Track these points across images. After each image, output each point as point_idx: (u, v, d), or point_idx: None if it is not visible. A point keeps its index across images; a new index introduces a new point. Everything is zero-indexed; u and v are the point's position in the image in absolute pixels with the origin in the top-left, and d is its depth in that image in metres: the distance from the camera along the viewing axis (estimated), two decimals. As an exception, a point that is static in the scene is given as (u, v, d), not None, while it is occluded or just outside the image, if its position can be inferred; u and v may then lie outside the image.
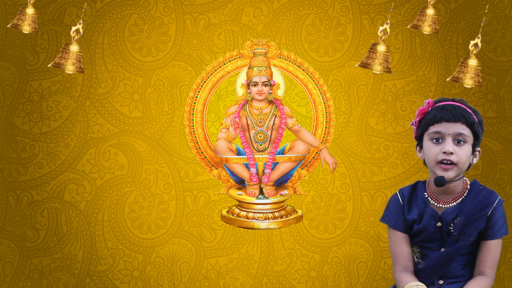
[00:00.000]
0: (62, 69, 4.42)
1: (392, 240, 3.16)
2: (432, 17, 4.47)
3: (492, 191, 3.10)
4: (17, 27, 4.51)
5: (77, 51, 4.42)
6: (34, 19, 4.52)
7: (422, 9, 4.50)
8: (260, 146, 5.03)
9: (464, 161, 3.05)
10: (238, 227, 5.11)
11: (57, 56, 4.46)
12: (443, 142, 3.05)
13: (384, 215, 3.18)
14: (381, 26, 4.44)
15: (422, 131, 3.11)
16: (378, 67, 4.40)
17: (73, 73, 4.47)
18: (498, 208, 3.07)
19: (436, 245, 3.10)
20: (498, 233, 3.06)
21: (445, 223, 3.07)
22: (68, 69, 4.43)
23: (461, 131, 3.04)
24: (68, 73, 4.50)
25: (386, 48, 4.41)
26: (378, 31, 4.44)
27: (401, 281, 3.08)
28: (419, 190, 3.15)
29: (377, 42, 4.43)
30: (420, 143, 3.13)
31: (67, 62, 4.43)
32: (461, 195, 3.10)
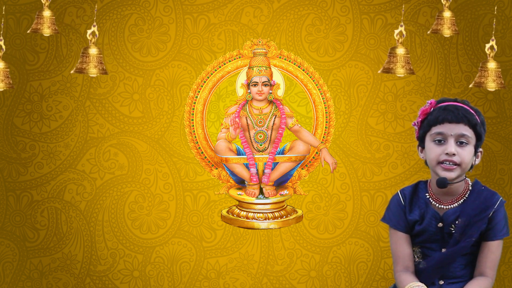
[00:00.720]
0: (86, 74, 4.43)
1: (393, 240, 3.15)
2: (450, 19, 4.48)
3: (494, 192, 3.08)
4: (37, 31, 4.52)
5: (97, 54, 4.43)
6: (52, 21, 4.52)
7: (439, 13, 4.51)
8: (260, 146, 5.03)
9: (467, 162, 3.04)
10: (238, 227, 5.11)
11: (78, 62, 4.47)
12: (446, 143, 3.03)
13: (385, 215, 3.17)
14: (396, 30, 4.44)
15: (424, 131, 3.10)
16: (401, 70, 4.41)
17: (97, 75, 4.48)
18: (500, 210, 3.06)
19: (437, 245, 3.09)
20: (499, 234, 3.05)
21: (446, 224, 3.06)
22: (91, 73, 4.44)
23: (464, 132, 3.03)
24: (92, 76, 4.51)
25: (406, 50, 4.41)
26: (394, 35, 4.44)
27: (401, 281, 3.08)
28: (421, 190, 3.14)
29: (395, 46, 4.43)
30: (422, 144, 3.12)
31: (89, 66, 4.44)
32: (462, 196, 3.09)
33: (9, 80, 4.44)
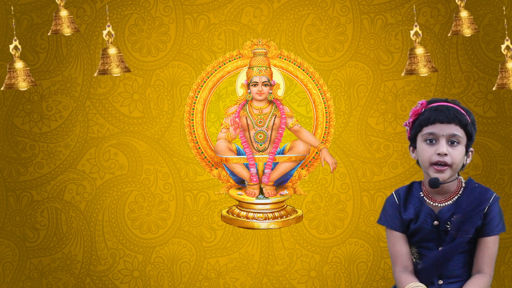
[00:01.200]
0: (110, 74, 4.43)
1: (390, 240, 3.16)
2: (468, 19, 4.48)
3: (487, 188, 3.10)
4: (57, 32, 4.52)
5: (116, 53, 4.43)
6: (71, 19, 4.52)
7: (456, 14, 4.51)
8: (260, 146, 5.03)
9: (458, 162, 3.06)
10: (238, 227, 5.11)
11: (100, 64, 4.48)
12: (437, 143, 3.05)
13: (381, 217, 3.19)
14: (411, 31, 4.44)
15: (415, 132, 3.12)
16: (423, 69, 4.41)
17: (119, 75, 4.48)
18: (494, 205, 3.07)
19: (434, 244, 3.10)
20: (495, 229, 3.06)
21: (442, 221, 3.07)
22: (114, 72, 4.44)
23: (455, 132, 3.05)
24: (116, 76, 4.51)
25: (424, 49, 4.42)
26: (411, 35, 4.45)
27: (401, 281, 3.08)
28: (415, 190, 3.16)
29: (414, 47, 4.43)
30: (414, 144, 3.14)
31: (111, 66, 4.45)
32: (456, 193, 3.10)
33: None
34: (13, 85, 4.43)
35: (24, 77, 4.42)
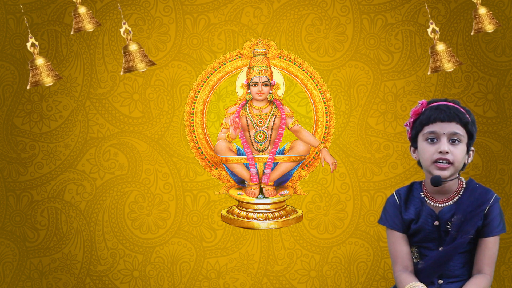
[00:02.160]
0: (135, 71, 4.42)
1: (390, 240, 3.16)
2: (488, 14, 4.48)
3: (488, 189, 3.11)
4: (80, 30, 4.51)
5: (138, 49, 4.42)
6: (90, 15, 4.51)
7: (474, 12, 4.50)
8: (260, 146, 5.03)
9: (460, 160, 3.07)
10: (238, 227, 5.11)
11: (123, 62, 4.46)
12: (438, 142, 3.06)
13: (381, 217, 3.19)
14: (428, 29, 4.44)
15: (416, 131, 3.13)
16: (448, 65, 4.41)
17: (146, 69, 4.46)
18: (495, 205, 3.08)
19: (434, 244, 3.10)
20: (496, 230, 3.07)
21: (443, 222, 3.08)
22: (140, 68, 4.43)
23: (456, 131, 3.06)
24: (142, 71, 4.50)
25: (445, 45, 4.42)
26: (428, 33, 4.45)
27: (401, 281, 3.09)
28: (416, 190, 3.17)
29: (434, 44, 4.43)
30: (415, 144, 3.15)
31: (135, 62, 4.44)
32: (457, 194, 3.11)
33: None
34: (38, 82, 4.44)
35: (47, 72, 4.43)
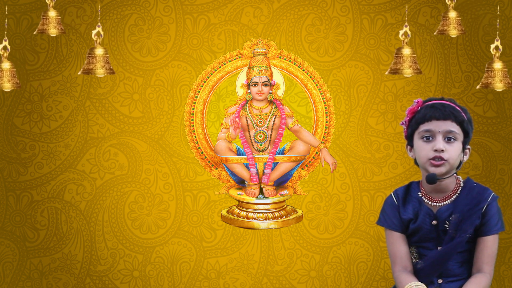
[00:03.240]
0: (93, 74, 4.44)
1: (389, 241, 3.16)
2: (456, 19, 4.50)
3: (485, 188, 3.11)
4: (43, 32, 4.53)
5: (103, 54, 4.44)
6: (58, 20, 4.53)
7: (444, 14, 4.52)
8: (260, 146, 5.03)
9: (455, 158, 3.07)
10: (238, 227, 5.11)
11: (85, 63, 4.48)
12: (434, 140, 3.06)
13: (380, 217, 3.19)
14: (401, 31, 4.45)
15: (412, 130, 3.13)
16: (408, 70, 4.42)
17: (104, 75, 4.48)
18: (492, 204, 3.07)
19: (433, 244, 3.10)
20: (494, 228, 3.07)
21: (441, 221, 3.08)
22: (98, 73, 4.45)
23: (451, 129, 3.06)
24: (99, 76, 4.51)
25: (411, 50, 4.43)
26: (400, 35, 4.45)
27: (400, 281, 3.08)
28: (413, 190, 3.17)
29: (401, 46, 4.44)
30: (411, 142, 3.15)
31: (96, 66, 4.45)
32: (454, 193, 3.11)
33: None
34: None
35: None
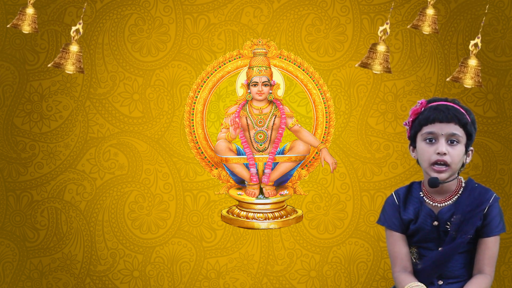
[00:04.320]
0: (62, 69, 4.43)
1: (389, 241, 3.16)
2: (432, 17, 4.48)
3: (487, 189, 3.11)
4: (17, 27, 4.52)
5: (77, 51, 4.43)
6: (34, 19, 4.52)
7: (422, 9, 4.51)
8: (260, 146, 5.03)
9: (458, 161, 3.07)
10: (238, 227, 5.11)
11: (57, 56, 4.46)
12: (437, 143, 3.06)
13: (380, 217, 3.19)
14: (381, 26, 4.45)
15: (415, 131, 3.13)
16: (378, 67, 4.41)
17: (73, 73, 4.48)
18: (494, 205, 3.07)
19: (434, 244, 3.10)
20: (495, 230, 3.07)
21: (442, 222, 3.07)
22: (68, 69, 4.43)
23: (454, 132, 3.05)
24: (68, 73, 4.50)
25: (386, 48, 4.42)
26: (378, 31, 4.45)
27: (400, 281, 3.08)
28: (415, 190, 3.16)
29: (377, 42, 4.44)
30: (413, 143, 3.15)
31: (67, 62, 4.44)
32: (456, 193, 3.11)
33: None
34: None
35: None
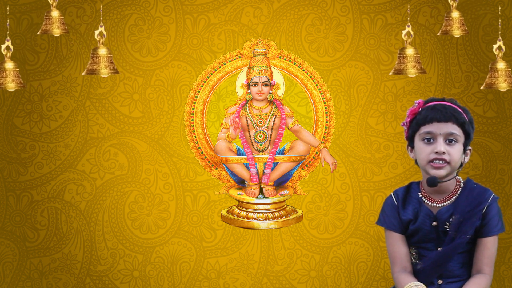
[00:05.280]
0: (97, 74, 4.44)
1: (389, 241, 3.16)
2: (459, 19, 4.51)
3: (486, 189, 3.11)
4: (47, 32, 4.53)
5: (106, 54, 4.44)
6: (61, 20, 4.54)
7: (447, 14, 4.54)
8: (260, 146, 5.03)
9: (456, 160, 3.07)
10: (238, 227, 5.11)
11: (88, 63, 4.49)
12: (435, 142, 3.06)
13: (379, 218, 3.19)
14: (403, 30, 4.46)
15: (413, 131, 3.13)
16: (411, 70, 4.44)
17: (108, 75, 4.49)
18: (493, 205, 3.07)
19: (433, 245, 3.10)
20: (494, 229, 3.07)
21: (441, 222, 3.08)
22: (103, 73, 4.45)
23: (452, 131, 3.06)
24: (103, 76, 4.52)
25: (415, 50, 4.45)
26: (402, 35, 4.46)
27: (400, 282, 3.08)
28: (413, 190, 3.16)
29: (404, 47, 4.45)
30: (412, 143, 3.15)
31: (100, 66, 4.46)
32: (454, 194, 3.11)
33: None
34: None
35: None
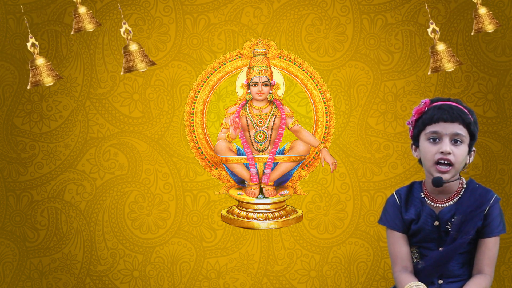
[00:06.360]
0: (135, 71, 4.43)
1: (390, 241, 3.16)
2: (488, 14, 4.50)
3: (488, 189, 3.11)
4: (80, 30, 4.52)
5: (138, 49, 4.43)
6: (90, 15, 4.52)
7: (474, 12, 4.53)
8: (260, 146, 5.03)
9: (461, 161, 3.07)
10: (238, 227, 5.11)
11: (124, 62, 4.47)
12: (440, 142, 3.06)
13: (382, 217, 3.19)
14: (428, 29, 4.46)
15: (418, 130, 3.13)
16: (448, 65, 4.44)
17: (146, 69, 4.47)
18: (495, 206, 3.08)
19: (434, 244, 3.10)
20: (496, 230, 3.07)
21: (443, 222, 3.08)
22: (140, 68, 4.44)
23: (458, 131, 3.06)
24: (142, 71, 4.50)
25: (445, 45, 4.44)
26: (429, 33, 4.46)
27: (400, 281, 3.09)
28: (416, 190, 3.17)
29: (434, 44, 4.45)
30: (416, 143, 3.15)
31: (135, 62, 4.45)
32: (457, 194, 3.11)
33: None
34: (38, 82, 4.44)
35: (48, 72, 4.44)
